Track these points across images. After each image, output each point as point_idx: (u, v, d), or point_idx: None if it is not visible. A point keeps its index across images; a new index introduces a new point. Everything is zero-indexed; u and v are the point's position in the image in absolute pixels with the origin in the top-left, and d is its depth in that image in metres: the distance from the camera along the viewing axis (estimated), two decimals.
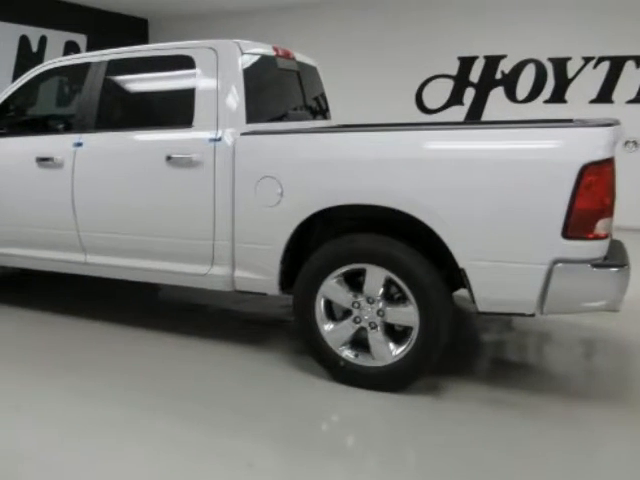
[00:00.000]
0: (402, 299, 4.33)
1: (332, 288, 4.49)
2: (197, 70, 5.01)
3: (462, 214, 4.03)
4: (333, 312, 4.64)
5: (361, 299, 4.43)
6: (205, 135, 4.87)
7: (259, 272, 4.79)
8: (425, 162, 4.12)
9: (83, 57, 5.79)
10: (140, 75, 5.56)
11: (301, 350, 4.99)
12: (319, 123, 6.30)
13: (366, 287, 4.39)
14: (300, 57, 6.11)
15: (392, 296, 4.42)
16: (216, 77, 4.92)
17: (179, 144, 4.98)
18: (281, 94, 5.77)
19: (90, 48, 12.22)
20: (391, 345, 4.39)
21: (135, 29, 13.90)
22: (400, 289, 4.30)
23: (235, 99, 4.89)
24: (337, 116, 6.88)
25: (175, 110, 5.23)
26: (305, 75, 6.15)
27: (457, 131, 4.28)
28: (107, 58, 5.52)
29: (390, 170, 4.21)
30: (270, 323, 6.14)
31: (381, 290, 4.36)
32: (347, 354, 4.52)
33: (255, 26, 12.47)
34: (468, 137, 4.16)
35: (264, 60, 5.37)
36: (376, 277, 4.34)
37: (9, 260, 6.18)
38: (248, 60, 5.07)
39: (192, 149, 4.89)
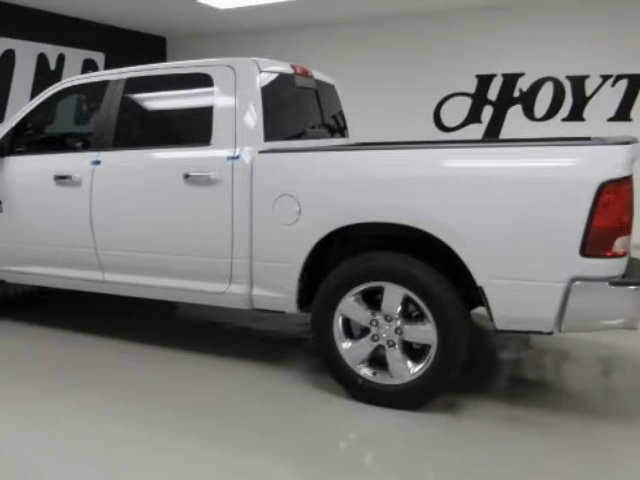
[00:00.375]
0: (420, 317, 4.33)
1: (350, 306, 4.49)
2: (215, 88, 5.04)
3: (480, 232, 4.03)
4: (351, 330, 4.63)
5: (379, 317, 4.42)
6: (223, 153, 4.89)
7: (277, 290, 4.79)
8: (443, 180, 4.13)
9: (101, 75, 5.83)
10: (158, 93, 5.60)
11: (319, 368, 4.98)
12: (337, 141, 6.32)
13: (384, 305, 4.39)
14: (318, 75, 6.13)
15: (410, 314, 4.42)
16: (234, 95, 4.95)
17: (197, 162, 5.00)
18: (299, 112, 5.78)
19: (108, 66, 12.31)
20: (409, 363, 4.38)
21: (153, 47, 13.98)
22: (418, 307, 4.30)
23: (253, 117, 4.91)
24: (355, 134, 6.90)
25: (193, 128, 5.26)
26: (323, 93, 6.17)
27: (475, 149, 4.29)
28: (125, 76, 5.57)
29: (408, 188, 4.21)
30: (288, 341, 6.14)
31: (399, 308, 4.35)
32: (365, 372, 4.52)
33: (273, 44, 12.52)
34: (486, 155, 4.17)
35: (282, 78, 5.39)
36: (394, 295, 4.34)
37: (28, 278, 6.21)
38: (266, 78, 5.10)
39: (210, 167, 4.91)
